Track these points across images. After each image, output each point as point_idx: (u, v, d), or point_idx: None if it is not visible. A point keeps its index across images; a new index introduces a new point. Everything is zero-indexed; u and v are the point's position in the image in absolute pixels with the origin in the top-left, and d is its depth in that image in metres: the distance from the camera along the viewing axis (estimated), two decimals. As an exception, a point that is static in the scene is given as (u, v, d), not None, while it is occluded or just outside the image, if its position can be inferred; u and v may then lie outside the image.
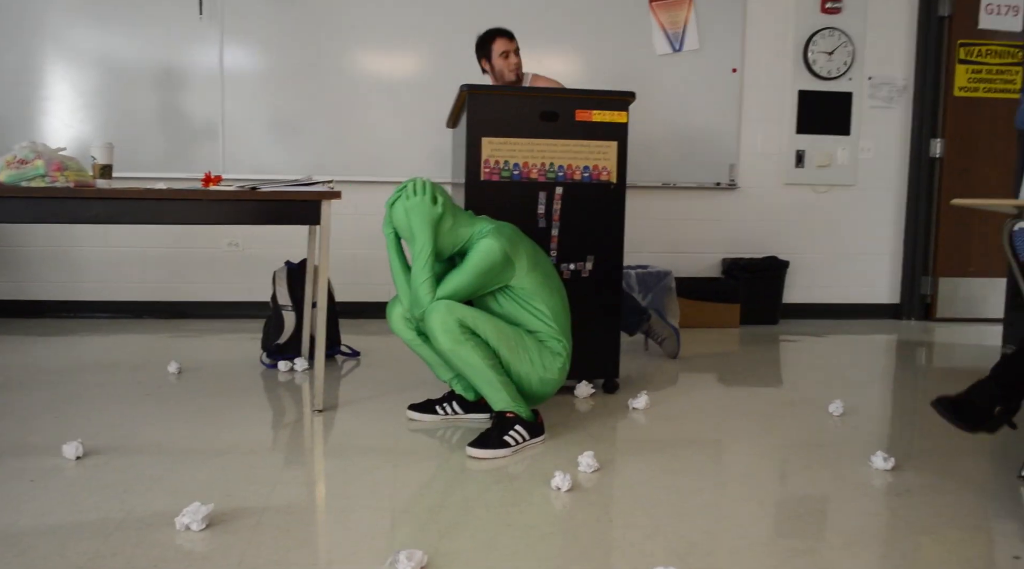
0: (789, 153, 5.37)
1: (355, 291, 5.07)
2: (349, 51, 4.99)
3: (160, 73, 4.90)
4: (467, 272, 2.60)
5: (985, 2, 5.33)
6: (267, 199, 2.94)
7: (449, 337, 2.54)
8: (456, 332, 2.54)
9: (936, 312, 5.48)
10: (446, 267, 2.83)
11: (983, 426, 2.19)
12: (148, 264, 5.07)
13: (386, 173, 5.01)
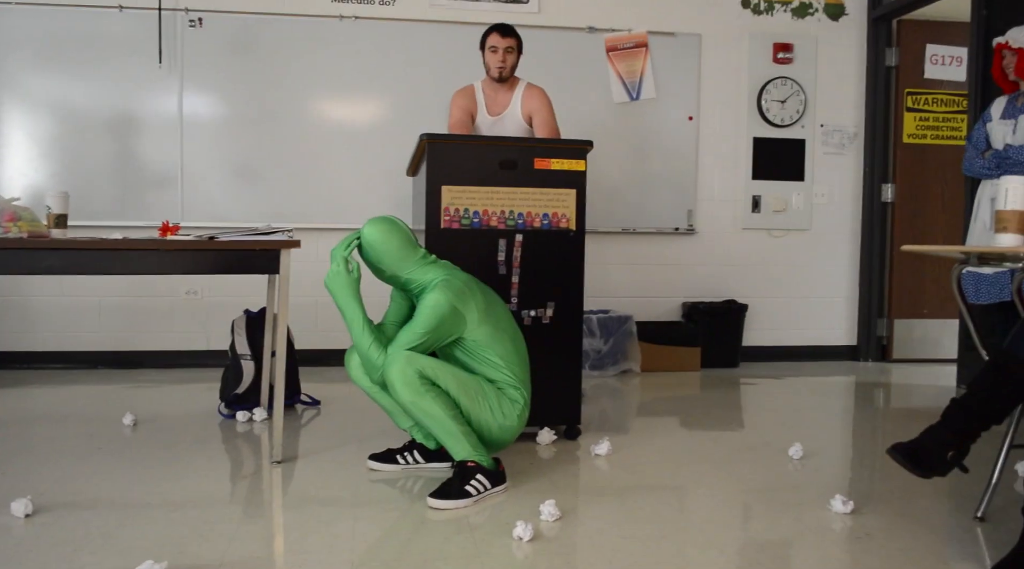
0: (746, 198, 5.47)
1: (315, 338, 5.03)
2: (309, 98, 5.01)
3: (118, 121, 4.87)
4: (417, 328, 2.59)
5: (930, 53, 5.52)
6: (225, 248, 2.91)
7: (409, 389, 2.52)
8: (416, 384, 2.53)
9: (892, 353, 5.57)
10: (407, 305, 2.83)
11: (936, 471, 2.22)
12: (104, 313, 4.99)
13: (346, 220, 5.00)
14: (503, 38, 3.81)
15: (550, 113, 3.82)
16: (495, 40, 3.82)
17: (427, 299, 2.61)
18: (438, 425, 2.56)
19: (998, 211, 2.41)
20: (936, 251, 2.62)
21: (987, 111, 3.89)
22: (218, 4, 4.92)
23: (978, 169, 3.81)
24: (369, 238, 2.69)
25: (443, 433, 2.57)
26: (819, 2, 5.52)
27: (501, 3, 5.15)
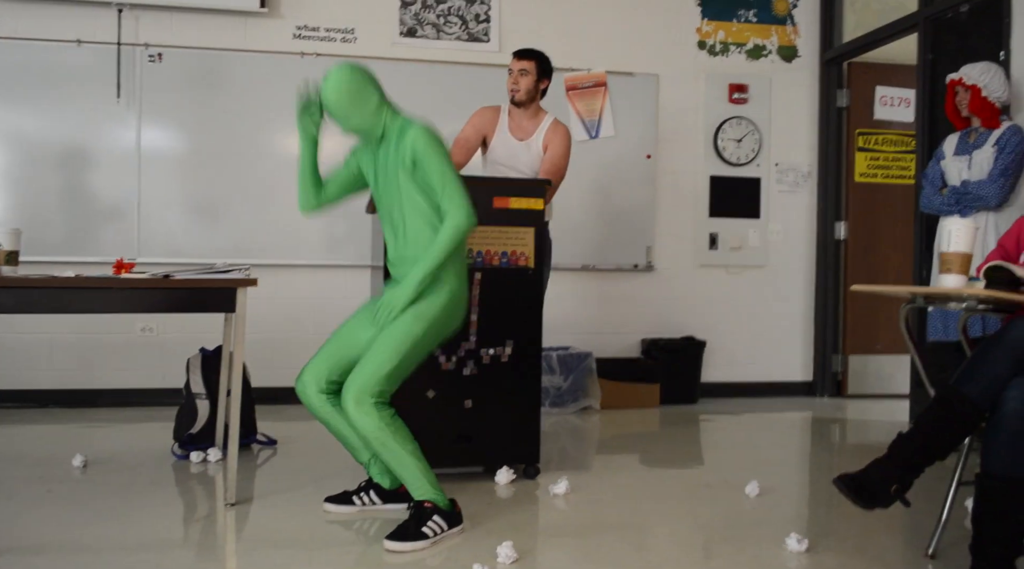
0: (703, 236, 5.54)
1: (273, 376, 4.95)
2: (269, 134, 5.00)
3: (74, 154, 4.82)
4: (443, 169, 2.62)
5: (879, 94, 5.68)
6: (180, 287, 2.89)
7: (370, 421, 2.50)
8: (375, 416, 2.50)
9: (847, 389, 5.64)
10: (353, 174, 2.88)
11: (879, 503, 2.25)
12: (56, 351, 4.89)
13: (305, 256, 4.98)
14: (517, 60, 3.81)
15: (561, 152, 3.77)
16: (511, 63, 3.83)
17: (420, 138, 2.60)
18: (397, 460, 2.54)
19: (942, 253, 2.47)
20: (884, 291, 2.69)
21: (940, 149, 3.99)
22: (178, 40, 4.91)
23: (937, 205, 3.89)
24: (337, 82, 2.65)
25: (401, 469, 2.56)
26: (772, 44, 5.66)
27: (463, 42, 5.20)
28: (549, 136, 3.80)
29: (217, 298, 2.93)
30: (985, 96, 3.70)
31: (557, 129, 3.82)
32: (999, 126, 3.72)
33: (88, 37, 4.81)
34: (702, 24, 5.56)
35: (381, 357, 2.55)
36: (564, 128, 3.84)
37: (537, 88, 3.81)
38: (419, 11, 5.17)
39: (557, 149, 3.77)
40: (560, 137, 3.79)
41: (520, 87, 3.78)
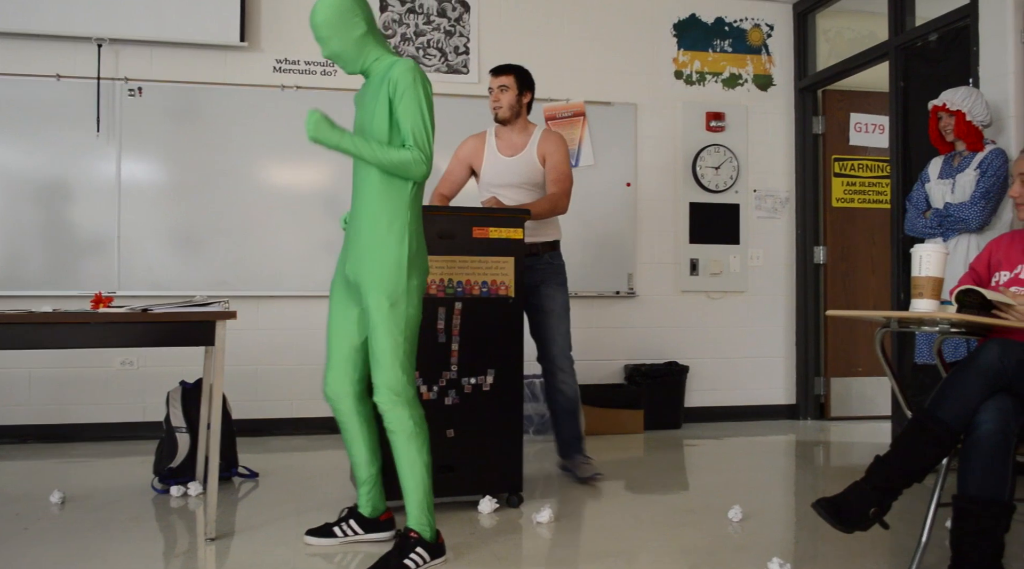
0: (684, 261, 5.58)
1: (255, 408, 4.95)
2: (250, 166, 5.01)
3: (53, 188, 4.81)
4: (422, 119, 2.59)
5: (854, 121, 5.76)
6: (159, 321, 2.89)
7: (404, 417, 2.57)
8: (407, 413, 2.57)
9: (830, 411, 5.67)
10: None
11: (858, 526, 2.27)
12: (34, 385, 4.84)
13: (287, 288, 4.98)
14: (495, 77, 3.77)
15: (562, 158, 3.75)
16: (490, 81, 3.79)
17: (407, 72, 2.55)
18: (410, 466, 2.59)
19: (913, 277, 2.50)
20: (858, 316, 2.72)
21: (925, 172, 4.04)
22: (158, 74, 4.93)
23: (920, 228, 3.94)
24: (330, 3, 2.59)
25: (411, 477, 2.59)
26: (748, 73, 5.74)
27: (443, 74, 5.25)
28: (544, 145, 3.76)
29: (196, 331, 2.93)
30: (970, 120, 3.76)
31: (550, 137, 3.78)
32: (983, 149, 3.78)
33: (67, 72, 4.82)
34: (678, 54, 5.64)
35: (388, 355, 2.57)
36: (558, 135, 3.82)
37: (520, 102, 3.78)
38: (398, 44, 5.22)
39: (557, 158, 3.74)
40: (556, 144, 3.76)
41: (502, 103, 3.75)
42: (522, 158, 3.76)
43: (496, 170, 3.77)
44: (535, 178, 3.74)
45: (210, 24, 4.90)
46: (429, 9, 5.26)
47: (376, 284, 2.57)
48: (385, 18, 5.21)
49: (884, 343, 2.79)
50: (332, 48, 2.65)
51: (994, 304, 2.41)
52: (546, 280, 3.73)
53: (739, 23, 5.74)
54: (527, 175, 3.74)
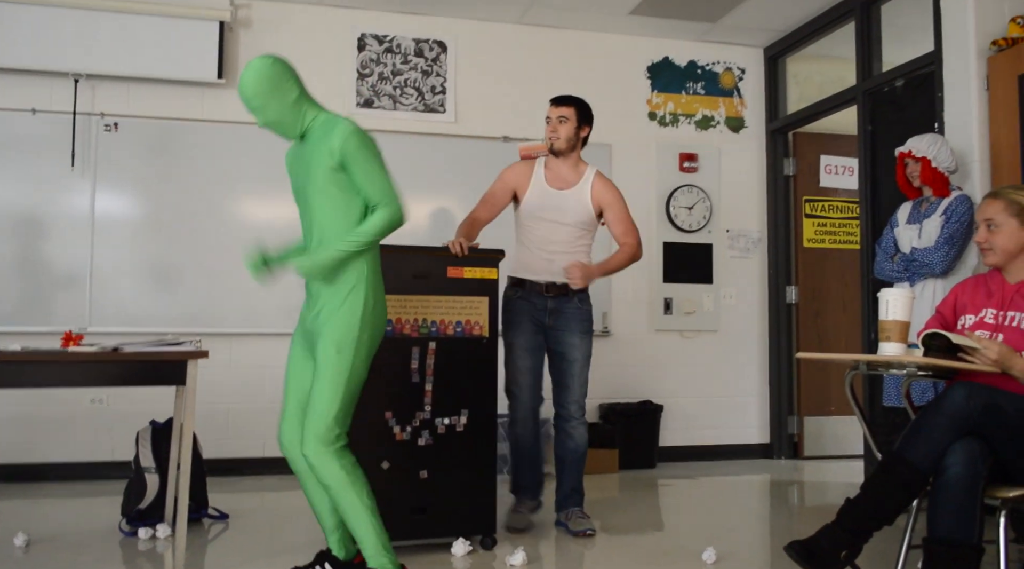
0: (658, 300, 5.62)
1: (226, 447, 4.88)
2: (226, 201, 5.00)
3: (26, 222, 4.76)
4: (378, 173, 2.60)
5: (824, 163, 5.87)
6: (129, 360, 2.87)
7: (331, 468, 2.51)
8: (335, 463, 2.51)
9: (804, 450, 5.69)
10: None
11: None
12: (0, 424, 4.75)
13: (261, 325, 4.94)
14: (555, 107, 3.65)
15: (626, 208, 3.68)
16: (549, 110, 3.67)
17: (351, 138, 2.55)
18: (353, 512, 2.54)
19: (880, 321, 2.54)
20: (828, 359, 2.76)
21: (894, 216, 4.10)
22: (135, 109, 4.93)
23: (887, 272, 3.99)
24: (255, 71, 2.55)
25: (357, 522, 2.54)
26: (720, 115, 5.84)
27: (420, 112, 5.29)
28: (600, 191, 3.65)
29: (167, 370, 2.93)
30: (935, 167, 3.83)
31: (608, 185, 3.68)
32: (949, 194, 3.85)
33: (43, 106, 4.81)
34: (652, 96, 5.73)
35: (324, 402, 2.53)
36: (611, 182, 3.73)
37: (578, 136, 3.66)
38: (376, 83, 5.26)
39: (621, 207, 3.67)
40: (615, 195, 3.67)
41: (560, 134, 3.62)
42: (572, 195, 3.63)
43: (542, 202, 3.62)
44: (582, 217, 3.61)
45: (188, 61, 4.91)
46: (406, 49, 5.32)
47: (327, 332, 2.57)
48: (363, 57, 5.26)
49: (854, 385, 2.82)
50: (269, 117, 2.61)
51: (960, 347, 2.44)
52: (572, 326, 3.60)
53: (711, 66, 5.84)
54: (575, 213, 3.61)
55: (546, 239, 3.59)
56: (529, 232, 3.63)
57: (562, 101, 3.67)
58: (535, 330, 3.58)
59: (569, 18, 5.44)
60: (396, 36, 5.31)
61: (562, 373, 3.62)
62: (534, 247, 3.60)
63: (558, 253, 3.56)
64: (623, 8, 5.27)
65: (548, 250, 3.58)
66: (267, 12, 5.17)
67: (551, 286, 3.57)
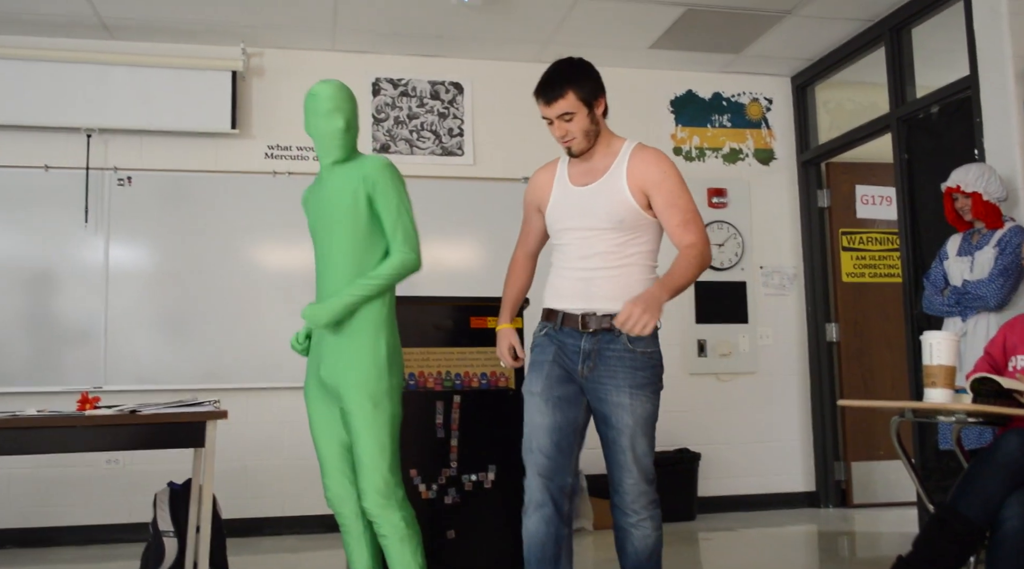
0: (691, 342, 5.41)
1: (245, 506, 4.72)
2: (241, 252, 4.90)
3: (39, 278, 4.69)
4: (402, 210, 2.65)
5: (860, 193, 5.66)
6: (147, 422, 2.83)
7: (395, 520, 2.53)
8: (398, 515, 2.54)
9: (852, 498, 5.39)
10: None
11: None
12: (15, 486, 4.62)
13: (278, 379, 4.78)
14: (548, 105, 2.58)
15: (677, 185, 2.52)
16: (541, 109, 2.61)
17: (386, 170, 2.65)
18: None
19: (925, 366, 2.41)
20: (872, 406, 2.62)
21: (943, 249, 3.93)
22: (148, 163, 4.87)
23: (938, 307, 3.81)
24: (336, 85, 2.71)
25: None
26: (748, 148, 5.67)
27: (437, 156, 5.18)
28: (640, 168, 2.53)
29: (186, 432, 2.92)
30: (987, 200, 3.67)
31: (651, 157, 2.55)
32: (1003, 225, 3.68)
33: (56, 162, 4.76)
34: (677, 130, 5.58)
35: (374, 457, 2.53)
36: (654, 152, 2.58)
37: (595, 118, 2.58)
38: (391, 127, 5.16)
39: (670, 185, 2.51)
40: (661, 166, 2.54)
41: (574, 133, 2.57)
42: (603, 186, 2.56)
43: (563, 207, 2.63)
44: (620, 214, 2.52)
45: (201, 113, 4.86)
46: (422, 92, 5.22)
47: (355, 386, 2.55)
48: (378, 102, 5.17)
49: (901, 430, 2.68)
50: (327, 127, 2.67)
51: (1012, 392, 2.27)
52: (617, 378, 2.48)
53: (737, 98, 5.69)
54: (609, 209, 2.53)
55: (579, 254, 2.57)
56: (560, 250, 2.65)
57: (553, 92, 2.55)
58: (562, 377, 2.55)
59: (588, 54, 5.14)
60: (411, 79, 5.22)
61: (609, 445, 2.55)
62: (567, 267, 2.60)
63: (599, 271, 2.52)
64: (643, 42, 5.15)
65: (584, 268, 2.54)
66: (279, 60, 5.11)
67: (589, 318, 2.51)
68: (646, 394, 2.51)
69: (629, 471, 2.51)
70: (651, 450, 2.57)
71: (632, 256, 2.51)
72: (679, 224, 2.48)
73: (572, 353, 2.53)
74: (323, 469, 2.70)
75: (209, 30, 4.83)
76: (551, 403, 2.52)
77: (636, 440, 2.50)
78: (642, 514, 2.55)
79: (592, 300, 2.50)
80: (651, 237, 2.55)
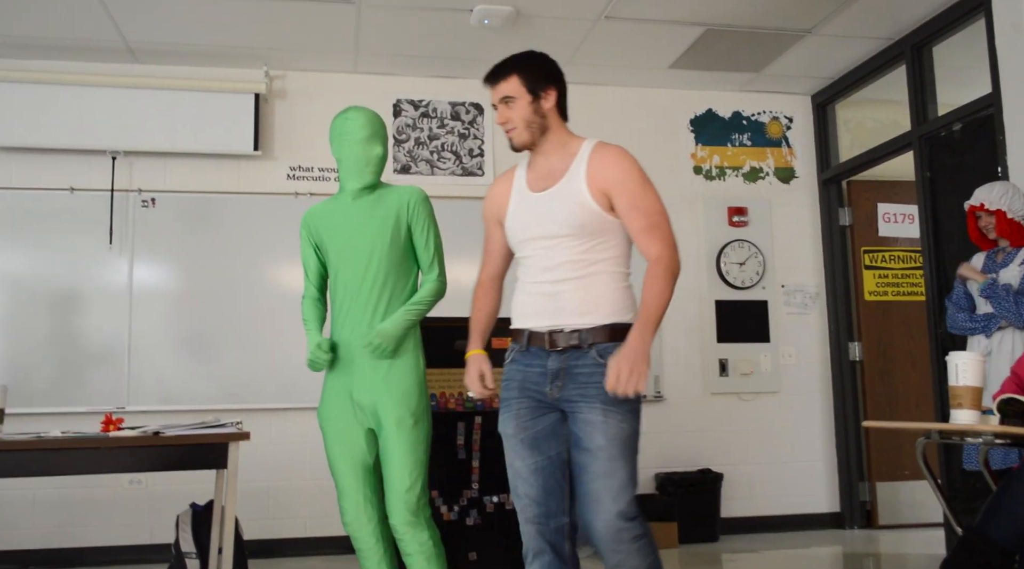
0: (712, 362, 5.37)
1: (267, 527, 4.71)
2: (264, 273, 4.93)
3: (64, 299, 4.73)
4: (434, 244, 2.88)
5: (882, 211, 5.62)
6: (170, 444, 2.84)
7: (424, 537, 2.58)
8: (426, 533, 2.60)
9: (878, 519, 5.31)
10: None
11: None
12: (39, 507, 4.64)
13: (300, 399, 4.77)
14: (492, 89, 2.44)
15: (640, 186, 2.29)
16: (491, 98, 2.47)
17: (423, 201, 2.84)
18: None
19: (951, 387, 2.38)
20: (897, 427, 2.57)
21: None
22: (172, 184, 4.92)
23: (961, 324, 3.76)
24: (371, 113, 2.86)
25: None
26: (769, 167, 5.65)
27: (457, 176, 5.20)
28: (600, 169, 2.31)
29: (209, 454, 2.94)
30: (1011, 218, 3.63)
31: (611, 155, 2.34)
32: None
33: (81, 185, 4.81)
34: (696, 150, 5.57)
35: (411, 474, 2.59)
36: (615, 151, 2.36)
37: (540, 109, 2.40)
38: (412, 148, 5.19)
39: (633, 186, 2.29)
40: (622, 165, 2.32)
41: (514, 121, 2.39)
42: (560, 190, 2.34)
43: (522, 216, 2.40)
44: (582, 219, 2.30)
45: (224, 134, 4.91)
46: (443, 113, 5.25)
47: (400, 403, 2.62)
48: (399, 123, 5.20)
49: (927, 451, 2.64)
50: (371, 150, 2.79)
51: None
52: (588, 395, 2.24)
53: (757, 116, 5.68)
54: (568, 214, 2.31)
55: (543, 265, 2.35)
56: (523, 264, 2.42)
57: (497, 75, 2.42)
58: (533, 411, 2.31)
59: (608, 74, 5.34)
60: (432, 100, 5.25)
61: (579, 473, 2.25)
62: (530, 281, 2.38)
63: (565, 283, 2.30)
64: (662, 62, 5.16)
65: (549, 281, 2.32)
66: (301, 82, 5.16)
67: (557, 335, 2.28)
68: (621, 411, 2.21)
69: (601, 505, 2.18)
70: (631, 482, 2.21)
71: (599, 263, 2.30)
72: (642, 229, 2.28)
73: (539, 376, 2.30)
74: (341, 492, 2.70)
75: (232, 53, 4.88)
76: (527, 443, 2.30)
77: (614, 465, 2.18)
78: (623, 549, 2.20)
79: (559, 316, 2.29)
80: (618, 242, 2.33)
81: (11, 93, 4.73)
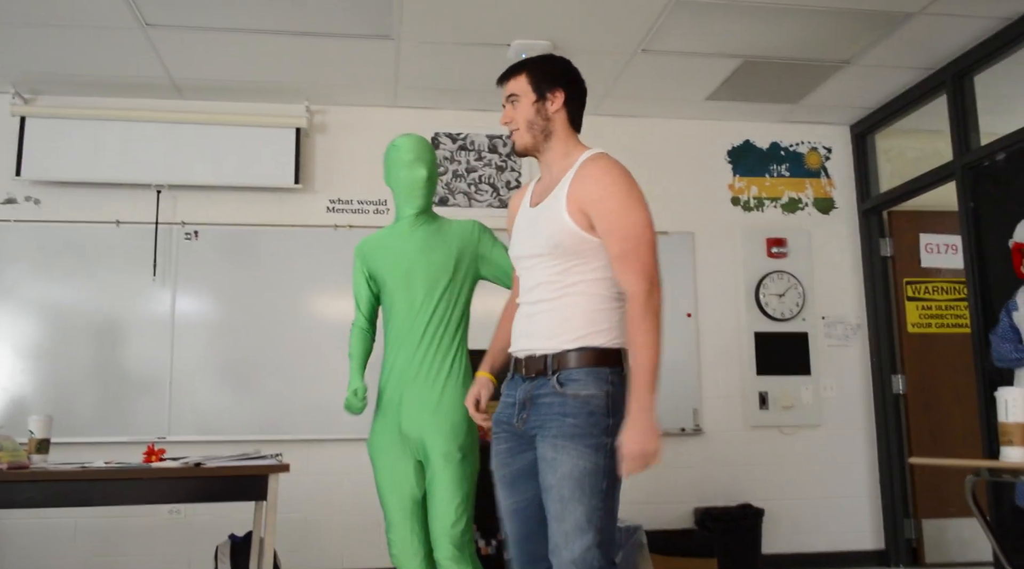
0: (752, 395, 5.30)
1: (305, 559, 4.71)
2: (304, 305, 4.97)
3: (107, 330, 4.81)
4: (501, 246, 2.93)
5: (924, 242, 5.53)
6: (211, 476, 2.86)
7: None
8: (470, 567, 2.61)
9: (925, 557, 5.17)
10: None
11: None
12: (80, 534, 4.69)
13: (339, 431, 4.79)
14: (501, 87, 2.34)
15: (623, 207, 2.10)
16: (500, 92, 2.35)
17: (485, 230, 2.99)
18: None
19: (1001, 423, 2.32)
20: (945, 464, 2.54)
21: (1012, 301, 3.81)
22: (215, 217, 5.00)
23: (1007, 354, 3.68)
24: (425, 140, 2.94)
25: None
26: (808, 197, 5.61)
27: (495, 208, 5.22)
28: (579, 181, 2.14)
29: (249, 486, 2.97)
30: None
31: (594, 171, 2.14)
32: None
33: (127, 218, 4.91)
34: (734, 181, 5.55)
35: (459, 507, 2.58)
36: (601, 164, 2.17)
37: (545, 111, 2.25)
38: (450, 181, 5.23)
39: (614, 210, 2.09)
40: (605, 185, 2.11)
41: (517, 121, 2.26)
42: (546, 207, 2.20)
43: (516, 233, 2.30)
44: (557, 238, 2.13)
45: (266, 168, 4.99)
46: (480, 145, 5.29)
47: (449, 436, 2.62)
48: (437, 156, 5.24)
49: (976, 488, 2.57)
50: (423, 172, 2.84)
51: None
52: (546, 428, 2.07)
53: (795, 147, 5.65)
54: (548, 234, 2.15)
55: (525, 286, 2.22)
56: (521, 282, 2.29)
57: (508, 72, 2.31)
58: (512, 448, 2.17)
59: (644, 107, 5.36)
60: (469, 134, 5.30)
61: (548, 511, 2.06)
62: (519, 303, 2.26)
63: (540, 304, 2.15)
64: (699, 94, 5.16)
65: (528, 303, 2.20)
66: (341, 116, 5.23)
67: (530, 361, 2.14)
68: (576, 447, 2.00)
69: (556, 550, 2.00)
70: (589, 527, 1.98)
71: (573, 285, 2.11)
72: (616, 256, 2.07)
73: (509, 406, 2.16)
74: (390, 524, 2.69)
75: (274, 89, 4.98)
76: (505, 483, 2.18)
77: (564, 507, 1.98)
78: None
79: (533, 339, 2.14)
80: (600, 265, 2.11)
81: (63, 129, 4.86)
